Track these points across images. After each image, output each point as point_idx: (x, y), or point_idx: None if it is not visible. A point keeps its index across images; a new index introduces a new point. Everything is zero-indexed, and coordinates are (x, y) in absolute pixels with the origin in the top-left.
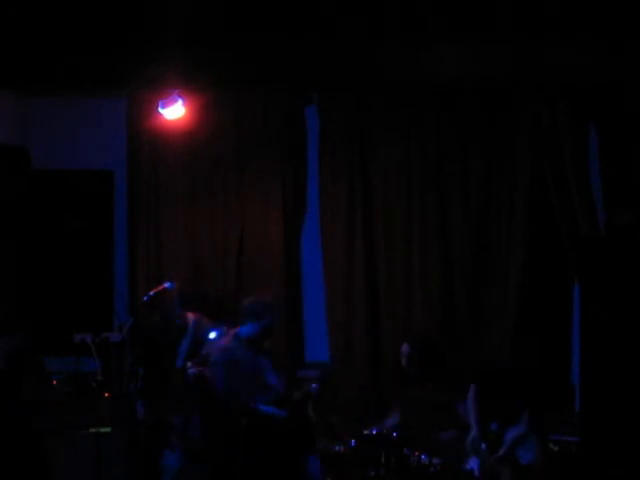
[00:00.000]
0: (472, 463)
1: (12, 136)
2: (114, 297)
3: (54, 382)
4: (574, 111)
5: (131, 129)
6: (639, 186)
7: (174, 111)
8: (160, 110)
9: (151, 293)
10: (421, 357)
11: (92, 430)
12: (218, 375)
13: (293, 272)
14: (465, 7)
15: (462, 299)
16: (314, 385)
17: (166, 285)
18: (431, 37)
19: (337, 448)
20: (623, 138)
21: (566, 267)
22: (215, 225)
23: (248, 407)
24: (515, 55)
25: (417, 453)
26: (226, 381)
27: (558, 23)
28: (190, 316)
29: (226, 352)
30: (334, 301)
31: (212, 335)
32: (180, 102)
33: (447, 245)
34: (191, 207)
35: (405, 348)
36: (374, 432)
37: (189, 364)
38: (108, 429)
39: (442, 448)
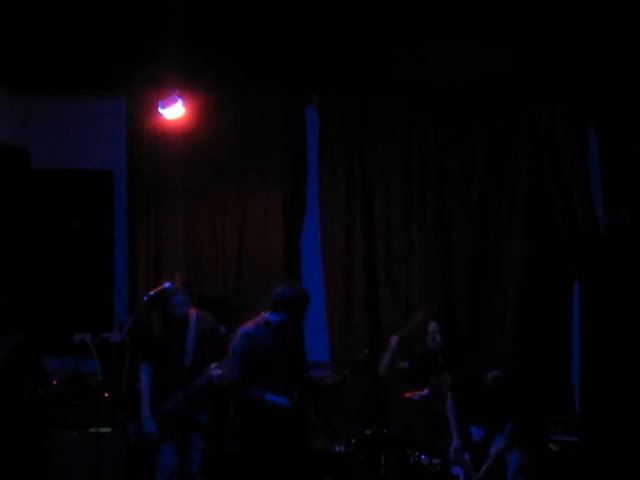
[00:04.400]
0: (457, 469)
1: (12, 136)
2: (114, 297)
3: (54, 382)
4: (574, 111)
5: (131, 129)
6: (639, 186)
7: (174, 111)
8: (160, 110)
9: (151, 293)
10: (449, 332)
11: (92, 430)
12: (234, 363)
13: (293, 272)
14: (465, 7)
15: (462, 299)
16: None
17: (166, 285)
18: (431, 37)
19: (337, 448)
20: (623, 138)
21: (566, 267)
22: (215, 225)
23: (253, 396)
24: (515, 55)
25: (417, 453)
26: (241, 370)
27: (558, 23)
28: (192, 312)
29: (250, 339)
30: (334, 301)
31: None
32: (180, 102)
33: (447, 245)
34: (191, 207)
35: (433, 326)
36: (374, 432)
37: (213, 365)
38: (108, 429)
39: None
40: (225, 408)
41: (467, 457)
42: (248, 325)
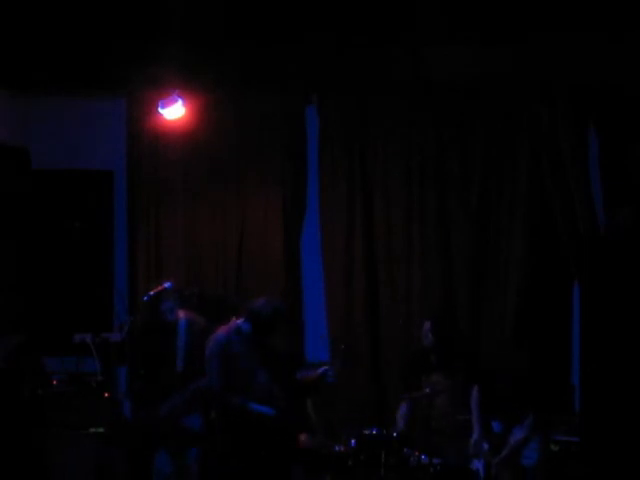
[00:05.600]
0: (477, 464)
1: (12, 136)
2: (114, 297)
3: (54, 382)
4: (574, 111)
5: (131, 129)
6: (639, 186)
7: (174, 111)
8: (160, 110)
9: (151, 293)
10: (441, 331)
11: (92, 430)
12: (212, 369)
13: (293, 272)
14: (465, 7)
15: (462, 299)
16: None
17: (166, 285)
18: (431, 37)
19: (337, 448)
20: (623, 138)
21: (566, 267)
22: (215, 225)
23: (237, 404)
24: (515, 55)
25: (417, 453)
26: (221, 377)
27: (558, 23)
28: (181, 316)
29: (223, 345)
30: (334, 302)
31: None
32: (180, 102)
33: (447, 245)
34: (191, 207)
35: (427, 324)
36: (374, 432)
37: None
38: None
39: (444, 445)
40: (207, 412)
41: (486, 447)
42: (220, 331)
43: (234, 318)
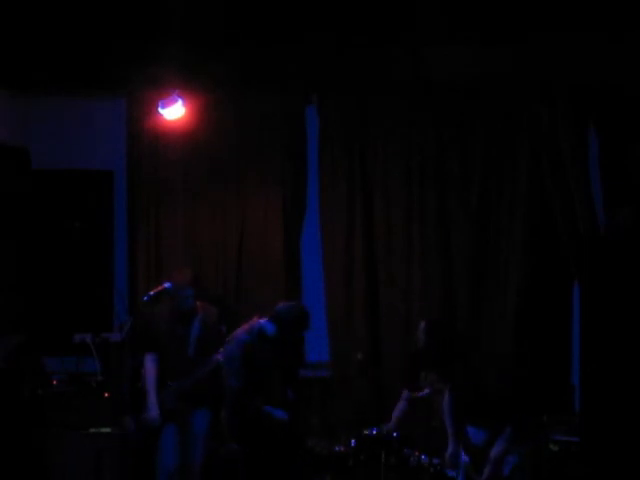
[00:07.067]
0: (452, 473)
1: (12, 136)
2: (114, 297)
3: (54, 382)
4: (574, 111)
5: (131, 129)
6: (639, 186)
7: (174, 111)
8: (160, 110)
9: (151, 293)
10: (435, 332)
11: (92, 430)
12: (234, 369)
13: (293, 272)
14: (465, 7)
15: (462, 299)
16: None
17: (166, 285)
18: (431, 37)
19: (337, 448)
20: (623, 138)
21: (566, 267)
22: (215, 225)
23: (254, 406)
24: (515, 55)
25: (417, 453)
26: (240, 377)
27: (558, 23)
28: (197, 305)
29: (245, 346)
30: (334, 302)
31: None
32: (180, 102)
33: (447, 245)
34: (191, 207)
35: (421, 325)
36: (374, 432)
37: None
38: (108, 429)
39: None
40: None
41: (467, 459)
42: (242, 331)
43: (256, 317)
